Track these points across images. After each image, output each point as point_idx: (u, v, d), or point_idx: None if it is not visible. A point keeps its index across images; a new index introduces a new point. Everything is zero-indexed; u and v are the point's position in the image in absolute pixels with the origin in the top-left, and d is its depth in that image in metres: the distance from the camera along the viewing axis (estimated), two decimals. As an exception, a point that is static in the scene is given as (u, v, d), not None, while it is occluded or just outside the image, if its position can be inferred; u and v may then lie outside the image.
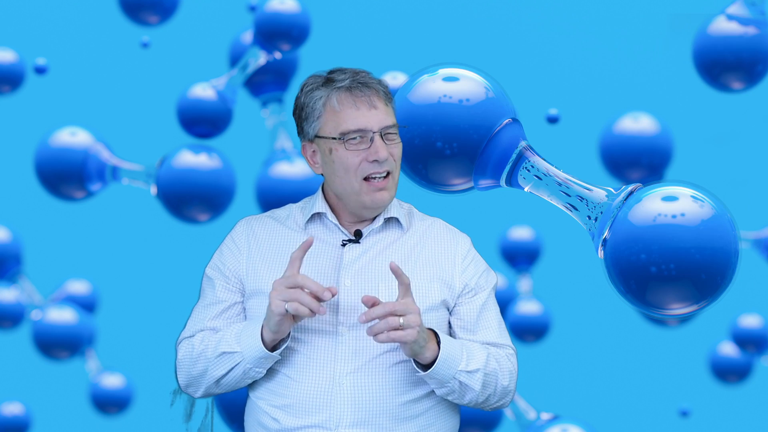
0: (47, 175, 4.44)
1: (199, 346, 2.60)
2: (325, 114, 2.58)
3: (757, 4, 3.97)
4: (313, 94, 2.60)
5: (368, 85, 2.58)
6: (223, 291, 2.65)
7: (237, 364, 2.55)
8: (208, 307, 2.66)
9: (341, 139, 2.56)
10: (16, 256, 5.24)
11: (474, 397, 2.57)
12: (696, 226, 2.58)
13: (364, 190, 2.57)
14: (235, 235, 2.69)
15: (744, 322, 5.64)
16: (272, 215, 2.72)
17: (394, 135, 2.60)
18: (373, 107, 2.57)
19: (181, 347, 2.65)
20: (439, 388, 2.55)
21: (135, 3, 4.62)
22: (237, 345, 2.54)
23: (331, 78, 2.60)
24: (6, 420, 5.71)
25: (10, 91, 4.97)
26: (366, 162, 2.56)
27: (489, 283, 2.68)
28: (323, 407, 2.53)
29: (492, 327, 2.65)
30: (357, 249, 2.61)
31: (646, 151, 4.54)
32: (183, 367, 2.64)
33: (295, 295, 2.45)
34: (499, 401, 2.63)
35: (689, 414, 6.59)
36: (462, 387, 2.55)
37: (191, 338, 2.64)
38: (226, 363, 2.56)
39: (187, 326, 2.68)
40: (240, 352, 2.54)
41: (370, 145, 2.55)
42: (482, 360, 2.57)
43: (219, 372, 2.57)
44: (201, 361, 2.59)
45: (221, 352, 2.56)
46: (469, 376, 2.54)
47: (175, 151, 4.38)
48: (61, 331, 5.22)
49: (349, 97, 2.57)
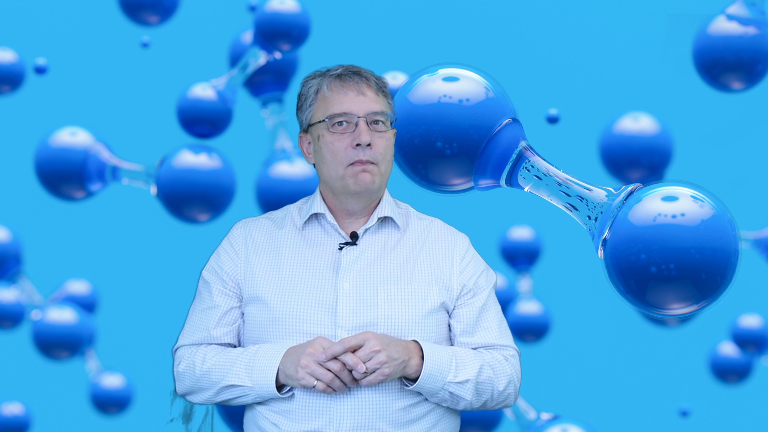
0: (47, 175, 4.44)
1: (200, 365, 2.58)
2: (317, 101, 2.60)
3: (757, 4, 3.97)
4: (308, 84, 2.63)
5: (359, 74, 2.60)
6: (220, 296, 2.63)
7: (245, 395, 2.55)
8: (205, 312, 2.64)
9: (327, 122, 2.56)
10: (16, 256, 5.24)
11: (467, 405, 2.57)
12: (696, 226, 2.58)
13: (349, 173, 2.56)
14: (233, 239, 2.67)
15: (744, 322, 5.64)
16: (269, 217, 2.70)
17: (382, 124, 2.59)
18: (361, 94, 2.57)
19: (182, 358, 2.62)
20: (431, 397, 2.55)
21: (135, 3, 4.62)
22: (248, 379, 2.53)
23: (328, 69, 2.63)
24: (6, 420, 5.71)
25: (10, 91, 4.97)
26: (351, 148, 2.55)
27: (488, 283, 2.67)
28: (323, 413, 2.52)
29: (492, 328, 2.64)
30: (354, 251, 2.60)
31: (646, 151, 4.54)
32: (184, 381, 2.61)
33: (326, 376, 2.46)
34: (498, 405, 2.62)
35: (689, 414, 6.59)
36: (453, 397, 2.54)
37: (194, 351, 2.61)
38: (233, 393, 2.56)
39: (184, 331, 2.65)
40: (251, 387, 2.53)
41: (354, 129, 2.56)
42: (474, 370, 2.55)
43: (222, 398, 2.58)
44: (204, 382, 2.58)
45: (229, 384, 2.55)
46: (459, 386, 2.54)
47: (175, 151, 4.38)
48: (61, 331, 5.22)
49: (338, 84, 2.58)
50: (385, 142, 2.59)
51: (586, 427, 4.30)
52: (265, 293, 2.57)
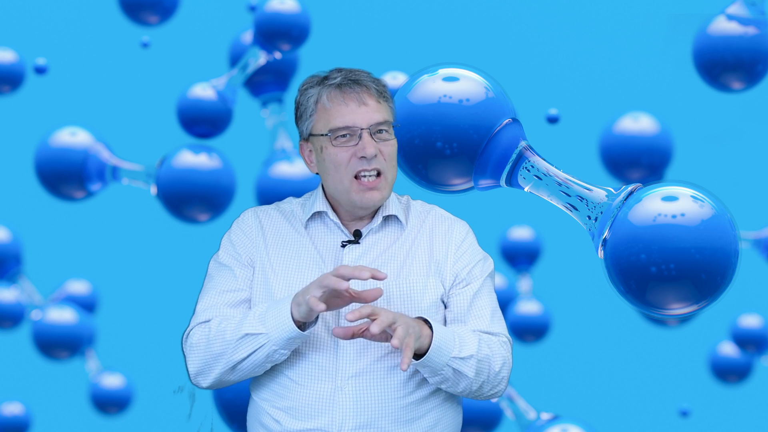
0: (47, 175, 4.44)
1: (216, 328, 2.53)
2: (317, 112, 2.58)
3: (757, 4, 3.97)
4: (307, 93, 2.60)
5: (359, 83, 2.57)
6: (242, 280, 2.59)
7: (261, 346, 2.49)
8: (223, 294, 2.59)
9: (330, 135, 2.55)
10: (16, 256, 5.24)
11: (468, 385, 2.53)
12: (696, 226, 2.58)
13: (354, 189, 2.55)
14: (244, 225, 2.65)
15: (744, 322, 5.64)
16: (278, 208, 2.69)
17: (386, 133, 2.57)
18: (362, 104, 2.55)
19: (193, 333, 2.57)
20: (432, 377, 2.52)
21: (135, 3, 4.62)
22: (261, 326, 2.48)
23: (326, 77, 2.60)
24: (6, 420, 5.71)
25: (10, 91, 4.98)
26: (355, 159, 2.54)
27: (484, 272, 2.64)
28: (325, 410, 2.52)
29: (484, 316, 2.61)
30: (357, 250, 2.60)
31: (646, 151, 4.54)
32: (197, 352, 2.54)
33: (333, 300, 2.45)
34: (492, 390, 2.58)
35: (689, 414, 6.59)
36: (456, 374, 2.51)
37: (207, 323, 2.56)
38: (249, 345, 2.49)
39: (197, 313, 2.60)
40: (265, 333, 2.48)
41: (358, 142, 2.54)
42: (474, 346, 2.53)
43: (239, 355, 2.50)
44: (218, 343, 2.52)
45: (244, 334, 2.49)
46: (462, 362, 2.51)
47: (175, 151, 4.38)
48: (61, 331, 5.22)
49: (339, 95, 2.56)
50: (390, 149, 2.58)
51: (586, 427, 4.30)
52: (270, 286, 2.57)
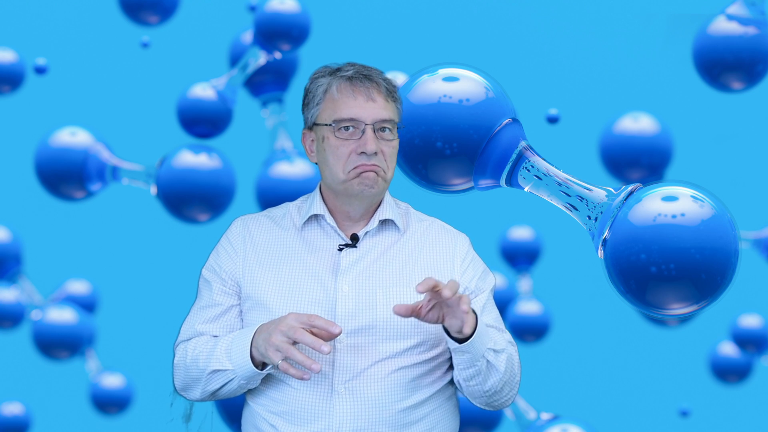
0: (47, 175, 4.44)
1: (191, 353, 2.58)
2: (324, 101, 2.57)
3: (757, 4, 3.97)
4: (317, 81, 2.60)
5: (371, 78, 2.57)
6: (219, 294, 2.62)
7: (231, 380, 2.54)
8: (203, 310, 2.64)
9: (333, 126, 2.55)
10: (16, 256, 5.24)
11: (497, 381, 2.53)
12: (696, 226, 2.58)
13: (351, 176, 2.54)
14: (231, 236, 2.66)
15: (744, 322, 5.64)
16: (268, 215, 2.69)
17: (389, 132, 2.57)
18: (370, 99, 2.55)
19: (177, 351, 2.64)
20: (467, 368, 2.51)
21: (135, 3, 4.62)
22: (228, 362, 2.53)
23: (339, 68, 2.60)
24: (6, 420, 5.71)
25: (10, 91, 4.97)
26: (355, 154, 2.54)
27: (488, 285, 2.66)
28: (322, 415, 2.51)
29: (494, 327, 2.62)
30: (354, 253, 2.59)
31: (646, 151, 4.54)
32: (178, 372, 2.63)
33: (291, 352, 2.42)
34: (509, 393, 2.59)
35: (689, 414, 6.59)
36: (489, 367, 2.51)
37: (186, 342, 2.63)
38: (219, 379, 2.55)
39: (182, 329, 2.66)
40: (232, 369, 2.53)
41: (360, 136, 2.54)
42: (503, 343, 2.55)
43: (213, 386, 2.57)
44: (194, 370, 2.58)
45: (213, 370, 2.55)
46: (496, 355, 2.51)
47: (175, 151, 4.38)
48: (61, 331, 5.22)
49: (348, 87, 2.56)
50: (391, 149, 2.57)
51: (586, 427, 4.30)
52: (264, 294, 2.57)
